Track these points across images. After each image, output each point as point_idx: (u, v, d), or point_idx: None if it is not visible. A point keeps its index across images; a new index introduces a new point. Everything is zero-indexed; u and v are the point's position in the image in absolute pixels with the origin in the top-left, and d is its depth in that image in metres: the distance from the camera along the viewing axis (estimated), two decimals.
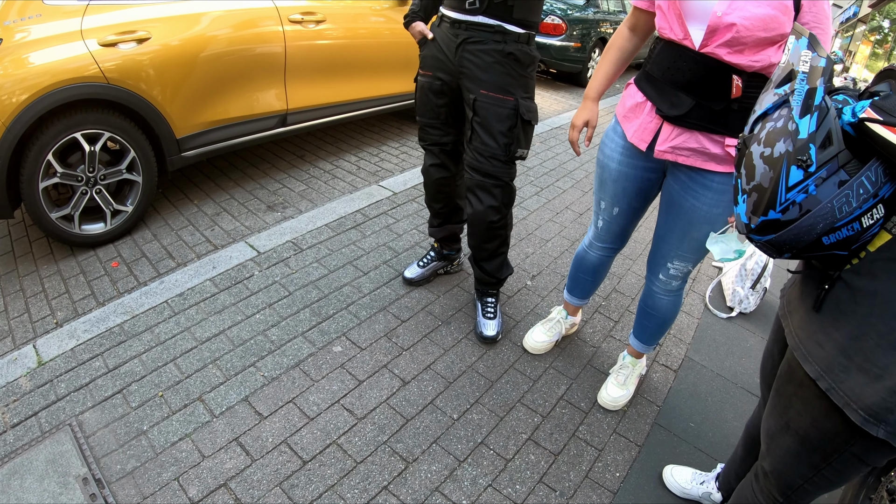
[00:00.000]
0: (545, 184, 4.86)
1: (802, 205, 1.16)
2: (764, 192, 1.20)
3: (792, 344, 1.40)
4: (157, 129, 3.54)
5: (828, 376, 1.28)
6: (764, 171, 1.21)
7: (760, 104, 1.32)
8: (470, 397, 2.61)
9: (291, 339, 2.84)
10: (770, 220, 1.21)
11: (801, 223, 1.17)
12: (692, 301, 3.50)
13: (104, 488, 2.09)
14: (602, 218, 2.45)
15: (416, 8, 2.76)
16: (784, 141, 1.17)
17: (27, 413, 2.38)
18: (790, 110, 1.19)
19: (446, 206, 3.11)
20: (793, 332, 1.41)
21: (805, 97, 1.17)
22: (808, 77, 1.18)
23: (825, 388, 1.28)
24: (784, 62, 1.28)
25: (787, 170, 1.16)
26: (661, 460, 2.44)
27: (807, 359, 1.33)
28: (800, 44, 1.24)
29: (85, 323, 2.85)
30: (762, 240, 1.26)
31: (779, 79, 1.28)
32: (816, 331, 1.33)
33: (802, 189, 1.15)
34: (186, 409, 2.43)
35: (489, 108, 2.52)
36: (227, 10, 3.75)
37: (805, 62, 1.20)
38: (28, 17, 3.03)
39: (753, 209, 1.24)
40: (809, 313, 1.36)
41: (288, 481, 2.17)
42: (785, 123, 1.19)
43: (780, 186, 1.17)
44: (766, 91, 1.32)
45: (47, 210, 3.24)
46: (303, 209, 4.15)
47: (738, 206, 1.32)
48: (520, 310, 3.22)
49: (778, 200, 1.18)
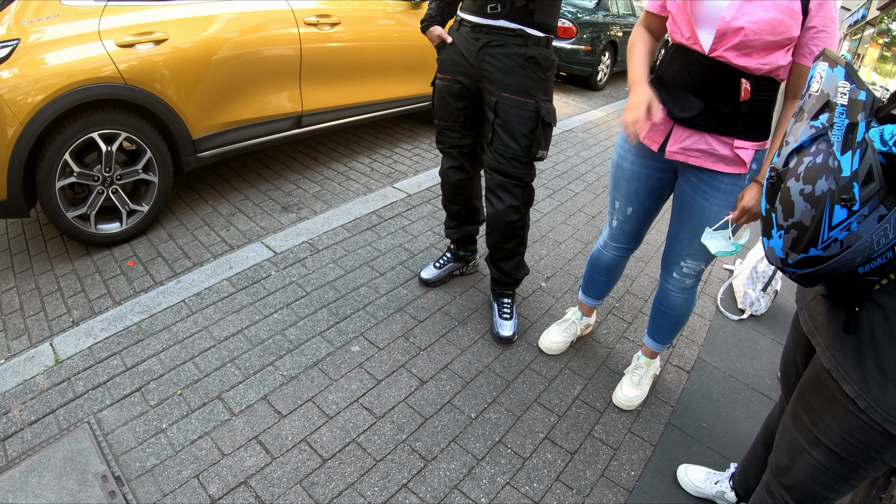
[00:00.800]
0: (558, 186, 4.86)
1: (844, 241, 1.14)
2: (805, 231, 1.18)
3: (829, 364, 1.37)
4: (174, 130, 3.55)
5: (866, 395, 1.27)
6: (805, 210, 1.17)
7: (794, 135, 1.27)
8: (487, 397, 2.61)
9: (309, 338, 2.84)
10: (810, 257, 1.20)
11: (841, 258, 1.16)
12: (704, 303, 3.49)
13: (123, 486, 2.09)
14: (616, 218, 2.46)
15: (433, 12, 2.77)
16: (826, 178, 1.14)
17: (45, 411, 2.38)
18: (829, 145, 1.16)
19: (464, 208, 3.12)
20: (826, 352, 1.39)
21: (846, 132, 1.14)
22: (848, 111, 1.15)
23: (864, 406, 1.28)
24: (817, 91, 1.24)
25: (831, 209, 1.13)
26: (675, 459, 2.43)
27: (846, 379, 1.32)
28: (836, 73, 1.20)
29: (102, 321, 2.85)
30: (798, 273, 1.25)
31: (813, 109, 1.23)
32: (852, 350, 1.31)
33: (845, 227, 1.12)
34: (205, 408, 2.43)
35: (511, 111, 2.53)
36: (244, 12, 3.77)
37: (843, 94, 1.17)
38: (46, 18, 3.04)
39: (793, 246, 1.22)
40: (840, 332, 1.35)
41: (308, 479, 2.17)
42: (825, 160, 1.15)
43: (824, 226, 1.14)
44: (800, 121, 1.27)
45: (63, 209, 3.25)
46: (318, 210, 4.15)
47: (771, 241, 1.29)
48: (535, 311, 3.22)
49: (821, 239, 1.16)
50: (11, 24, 2.96)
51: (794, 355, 1.71)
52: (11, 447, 2.22)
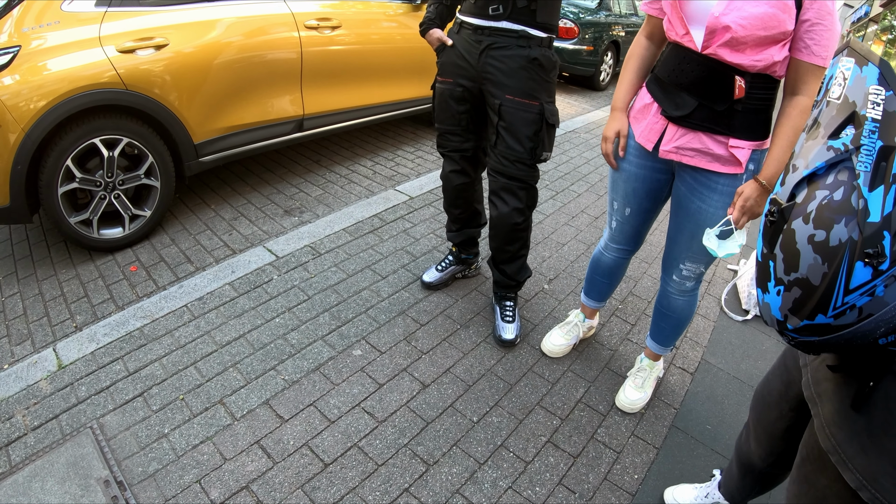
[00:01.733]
0: (560, 188, 4.86)
1: (863, 308, 0.87)
2: (813, 292, 0.91)
3: (826, 446, 1.13)
4: (175, 135, 3.56)
5: (871, 486, 1.02)
6: (814, 264, 0.91)
7: (805, 158, 0.99)
8: (489, 400, 2.61)
9: (311, 342, 2.84)
10: (816, 325, 0.93)
11: (858, 329, 0.89)
12: (708, 304, 3.48)
13: (126, 490, 2.10)
14: (615, 219, 2.46)
15: (431, 15, 2.75)
16: (846, 224, 0.87)
17: (48, 416, 2.39)
18: (854, 176, 0.88)
19: (465, 212, 3.12)
20: (826, 429, 1.14)
21: (877, 159, 0.86)
22: (882, 129, 0.87)
23: (868, 498, 1.03)
24: (838, 97, 0.96)
25: (850, 266, 0.86)
26: (679, 462, 2.42)
27: (846, 465, 1.07)
28: (866, 74, 0.92)
29: (105, 326, 2.86)
30: (800, 339, 0.99)
31: (833, 123, 0.95)
32: (859, 432, 1.06)
33: (868, 291, 0.86)
34: (207, 413, 2.43)
35: (515, 113, 2.53)
36: (244, 16, 3.78)
37: (877, 105, 0.88)
38: (47, 24, 3.05)
39: (794, 308, 0.95)
40: (847, 409, 1.10)
41: (309, 484, 2.17)
42: (846, 196, 0.88)
43: (839, 287, 0.88)
44: (813, 138, 0.99)
45: (66, 215, 3.27)
46: (320, 214, 4.16)
47: (767, 295, 1.02)
48: (537, 313, 3.22)
49: (833, 304, 0.89)
50: (12, 30, 2.97)
51: (780, 400, 1.52)
52: (15, 452, 2.23)
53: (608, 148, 2.31)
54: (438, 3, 2.75)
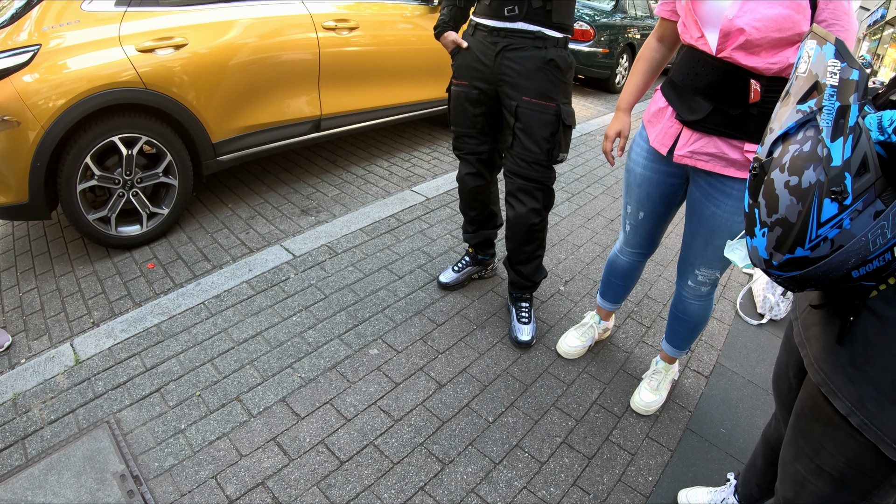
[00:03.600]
0: (576, 190, 4.85)
1: (835, 240, 1.02)
2: (791, 228, 1.06)
3: (817, 379, 1.27)
4: (194, 134, 3.58)
5: (860, 412, 1.17)
6: (790, 204, 1.06)
7: (779, 121, 1.15)
8: (505, 400, 2.60)
9: (328, 341, 2.84)
10: (797, 258, 1.07)
11: (832, 259, 1.03)
12: (723, 307, 3.47)
13: (142, 485, 2.11)
14: (629, 222, 2.44)
15: (445, 18, 2.74)
16: (814, 169, 1.02)
17: (64, 410, 2.40)
18: (818, 131, 1.04)
19: (481, 213, 3.11)
20: (815, 365, 1.28)
21: (836, 116, 1.02)
22: (839, 93, 1.03)
23: (857, 424, 1.18)
24: (804, 72, 1.13)
25: (820, 203, 1.01)
26: (693, 465, 2.41)
27: (835, 394, 1.21)
28: (825, 51, 1.09)
29: (122, 323, 2.87)
30: (784, 276, 1.12)
31: (800, 91, 1.12)
32: (844, 364, 1.20)
33: (836, 224, 1.00)
34: (224, 409, 2.44)
35: (532, 115, 2.52)
36: (263, 16, 3.79)
37: (834, 74, 1.05)
38: (66, 24, 3.07)
39: (777, 245, 1.10)
40: (832, 345, 1.24)
41: (325, 481, 2.17)
42: (813, 148, 1.04)
43: (811, 222, 1.02)
44: (786, 105, 1.15)
45: (84, 212, 3.29)
46: (337, 213, 4.17)
47: (754, 239, 1.17)
48: (553, 315, 3.21)
49: (808, 237, 1.03)
50: (32, 29, 2.99)
51: (786, 368, 1.61)
52: (31, 445, 2.24)
53: (608, 146, 2.35)
54: (452, 4, 2.74)
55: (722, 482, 2.31)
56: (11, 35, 2.97)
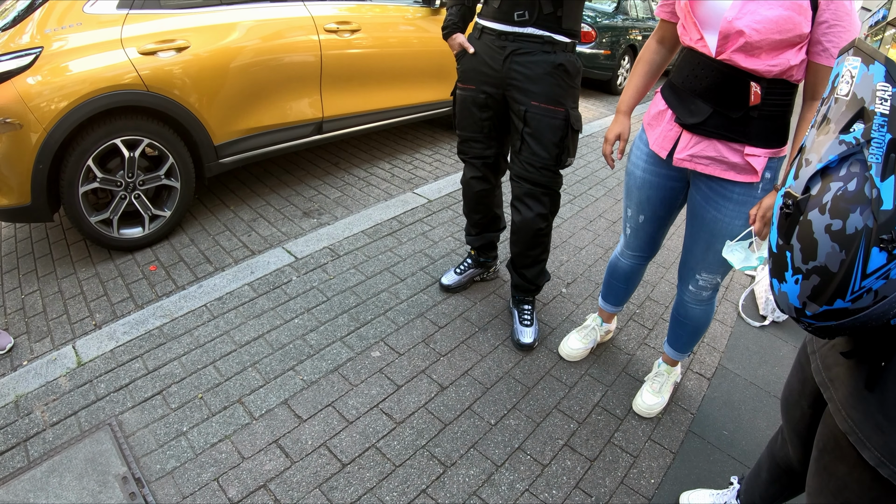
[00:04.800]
0: (578, 192, 4.84)
1: (879, 291, 0.92)
2: (832, 278, 0.95)
3: (844, 427, 1.17)
4: (196, 136, 3.59)
5: (890, 462, 1.07)
6: (832, 251, 0.94)
7: (817, 152, 1.02)
8: (507, 403, 2.60)
9: (330, 343, 2.84)
10: (834, 310, 0.97)
11: (873, 311, 0.94)
12: (725, 309, 3.46)
13: (144, 487, 2.10)
14: (630, 225, 2.44)
15: (454, 18, 2.70)
16: (861, 212, 0.91)
17: (67, 412, 2.40)
18: (865, 167, 0.92)
19: (485, 217, 3.11)
20: (842, 412, 1.18)
21: (887, 151, 0.90)
22: (890, 123, 0.91)
23: (887, 474, 1.07)
24: (846, 94, 1.00)
25: (867, 252, 0.90)
26: (695, 467, 2.41)
27: (864, 445, 1.11)
28: (872, 72, 0.95)
29: (124, 325, 2.88)
30: (817, 325, 1.03)
31: (843, 119, 0.98)
32: (874, 412, 1.10)
33: (883, 275, 0.91)
34: (226, 411, 2.44)
35: (541, 120, 2.51)
36: (265, 19, 3.80)
37: (885, 101, 0.92)
38: (68, 26, 3.08)
39: (813, 295, 0.99)
40: (861, 391, 1.14)
41: (327, 483, 2.17)
42: (860, 187, 0.92)
43: (856, 273, 0.92)
44: (825, 134, 1.02)
45: (87, 214, 3.29)
46: (338, 216, 4.17)
47: (784, 285, 1.06)
48: (555, 317, 3.21)
49: (850, 289, 0.93)
50: (35, 32, 3.00)
51: (799, 396, 1.53)
52: (33, 447, 2.24)
53: (608, 149, 2.35)
54: (460, 4, 2.71)
55: (724, 484, 2.31)
56: (14, 37, 2.99)
